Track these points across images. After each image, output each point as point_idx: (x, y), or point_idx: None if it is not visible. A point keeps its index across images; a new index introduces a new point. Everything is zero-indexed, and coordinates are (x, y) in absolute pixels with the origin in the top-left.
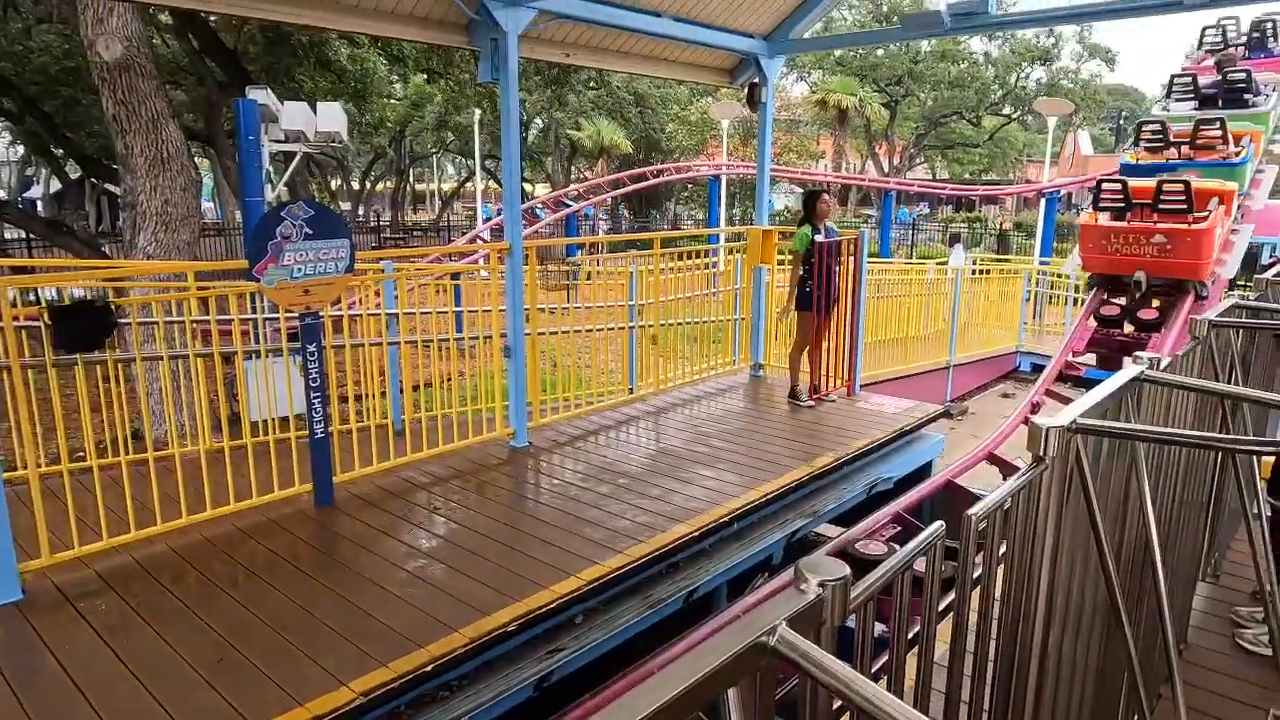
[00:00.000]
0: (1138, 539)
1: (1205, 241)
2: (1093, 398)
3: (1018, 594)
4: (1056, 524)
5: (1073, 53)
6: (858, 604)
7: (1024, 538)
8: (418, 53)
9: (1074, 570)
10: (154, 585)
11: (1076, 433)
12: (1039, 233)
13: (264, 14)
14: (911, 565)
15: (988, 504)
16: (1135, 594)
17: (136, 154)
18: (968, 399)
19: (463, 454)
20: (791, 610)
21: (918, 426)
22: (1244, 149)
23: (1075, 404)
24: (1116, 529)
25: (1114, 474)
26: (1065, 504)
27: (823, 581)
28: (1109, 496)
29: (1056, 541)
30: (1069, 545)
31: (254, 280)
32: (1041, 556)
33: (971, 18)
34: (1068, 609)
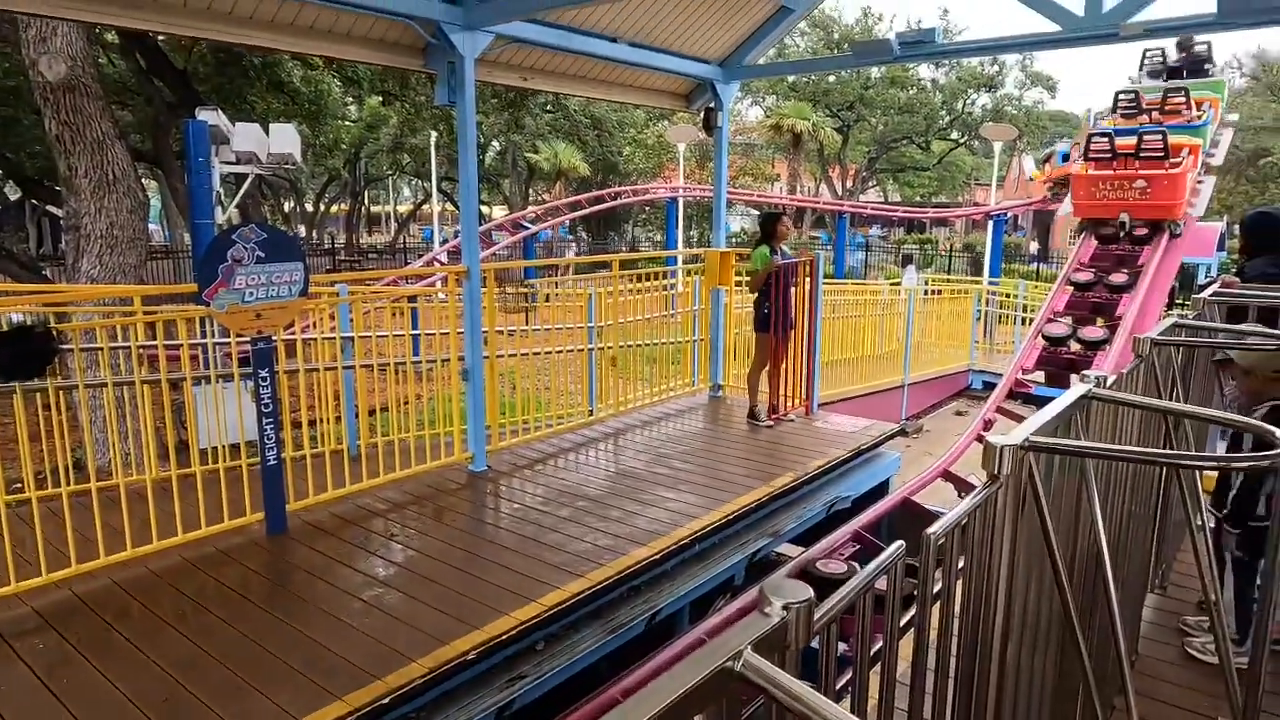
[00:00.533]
0: (1089, 552)
1: (1180, 183)
2: (1044, 416)
3: (977, 610)
4: (1012, 540)
5: (1016, 80)
6: (821, 625)
7: (981, 554)
8: (373, 75)
9: (1030, 585)
10: (96, 621)
11: (1029, 450)
12: (987, 253)
13: (216, 35)
14: (873, 585)
15: (946, 523)
16: (1089, 607)
17: (81, 175)
18: (923, 417)
19: (420, 479)
20: (756, 634)
21: (874, 445)
22: (1204, 113)
23: (1027, 422)
24: (1069, 543)
25: (1065, 489)
26: (1020, 520)
27: (787, 604)
28: (1061, 512)
29: (1012, 557)
30: (1024, 560)
31: (204, 304)
32: (999, 572)
33: (919, 46)
34: (1025, 623)
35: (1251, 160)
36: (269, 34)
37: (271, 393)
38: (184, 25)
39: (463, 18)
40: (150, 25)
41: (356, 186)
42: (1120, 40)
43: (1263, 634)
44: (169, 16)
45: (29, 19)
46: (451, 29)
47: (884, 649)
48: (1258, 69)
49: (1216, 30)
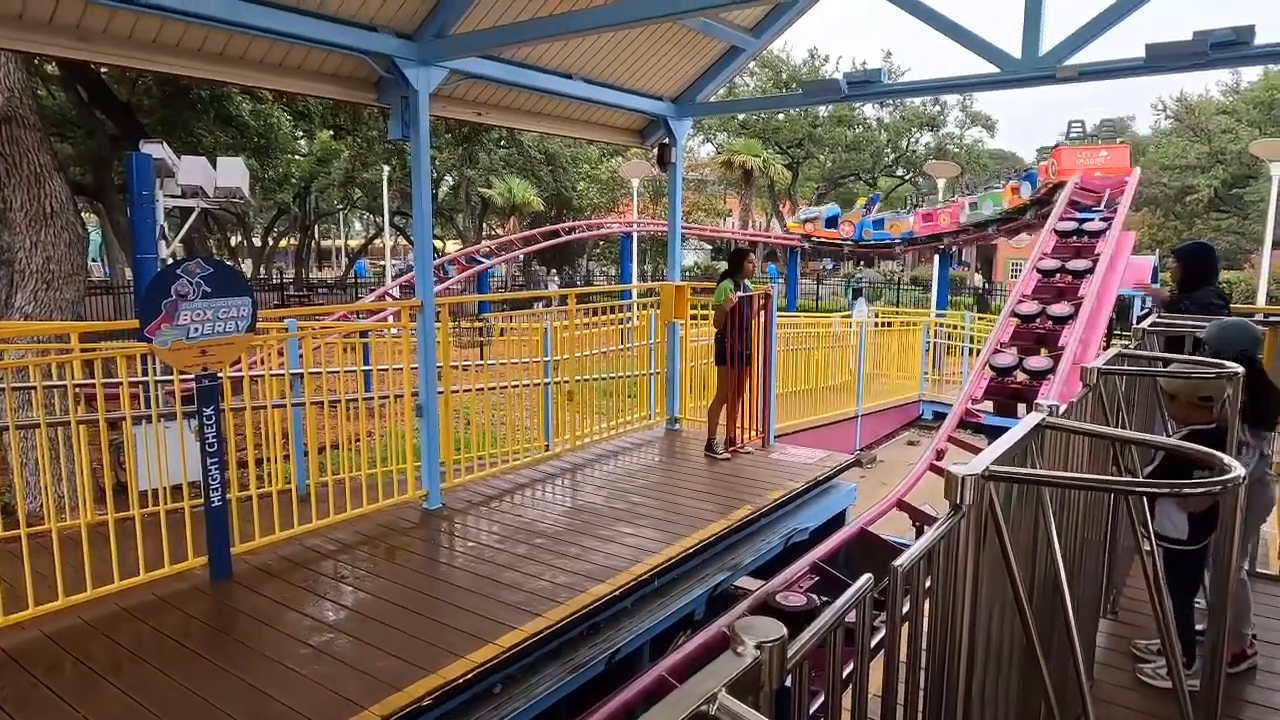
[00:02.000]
0: (1047, 579)
1: None
2: (1001, 445)
3: (942, 638)
4: (974, 568)
5: (957, 119)
6: (794, 663)
7: (945, 583)
8: (324, 109)
9: (992, 612)
10: (24, 677)
11: (989, 479)
12: (934, 286)
13: (164, 68)
14: (844, 620)
15: (912, 554)
16: (1047, 632)
17: (16, 209)
18: (876, 447)
19: (372, 518)
20: (730, 676)
21: (831, 476)
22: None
23: (986, 452)
24: (1028, 570)
25: (1023, 517)
26: (982, 548)
27: (760, 643)
28: (1020, 539)
29: (975, 585)
30: (987, 588)
31: (146, 341)
32: (963, 600)
33: (866, 86)
34: (989, 649)
35: (1178, 197)
36: (218, 67)
37: (216, 431)
38: (131, 57)
39: (417, 53)
40: (96, 57)
41: (306, 221)
42: (1056, 82)
43: (1219, 658)
44: (115, 48)
45: None
46: (405, 64)
47: (854, 681)
48: (1181, 111)
49: (1144, 74)
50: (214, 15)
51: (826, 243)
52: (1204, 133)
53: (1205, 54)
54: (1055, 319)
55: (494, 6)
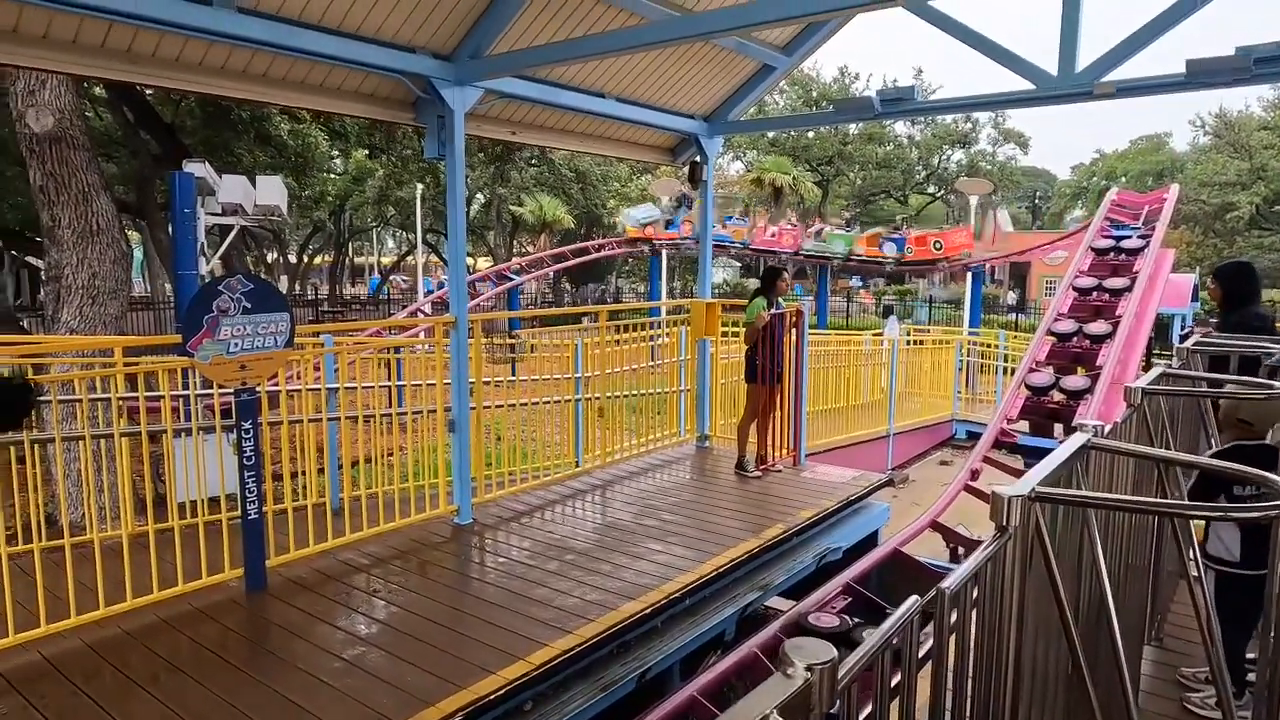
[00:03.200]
0: (1091, 603)
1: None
2: (1047, 466)
3: (988, 662)
4: (1020, 592)
5: (989, 137)
6: (844, 686)
7: (990, 606)
8: (360, 129)
9: (1038, 636)
10: (64, 685)
11: (1036, 501)
12: (967, 304)
13: (209, 89)
14: (892, 642)
15: (960, 577)
16: (1092, 658)
17: (64, 226)
18: (908, 466)
19: (404, 533)
20: (781, 698)
21: (863, 495)
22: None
23: (1032, 473)
24: (1073, 595)
25: (1069, 539)
26: (1028, 571)
27: (810, 665)
28: (1065, 562)
29: (1021, 609)
30: (1033, 612)
31: (187, 355)
32: (1008, 624)
33: (899, 103)
34: (1034, 675)
35: (1218, 214)
36: (262, 88)
37: (254, 445)
38: (179, 79)
39: (453, 73)
40: (145, 79)
41: (341, 238)
42: (1094, 99)
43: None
44: (163, 70)
45: (17, 72)
46: (442, 84)
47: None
48: (1221, 127)
49: (1184, 90)
50: (259, 39)
51: (669, 243)
52: (1244, 149)
53: (1248, 69)
54: (1092, 338)
55: (529, 27)
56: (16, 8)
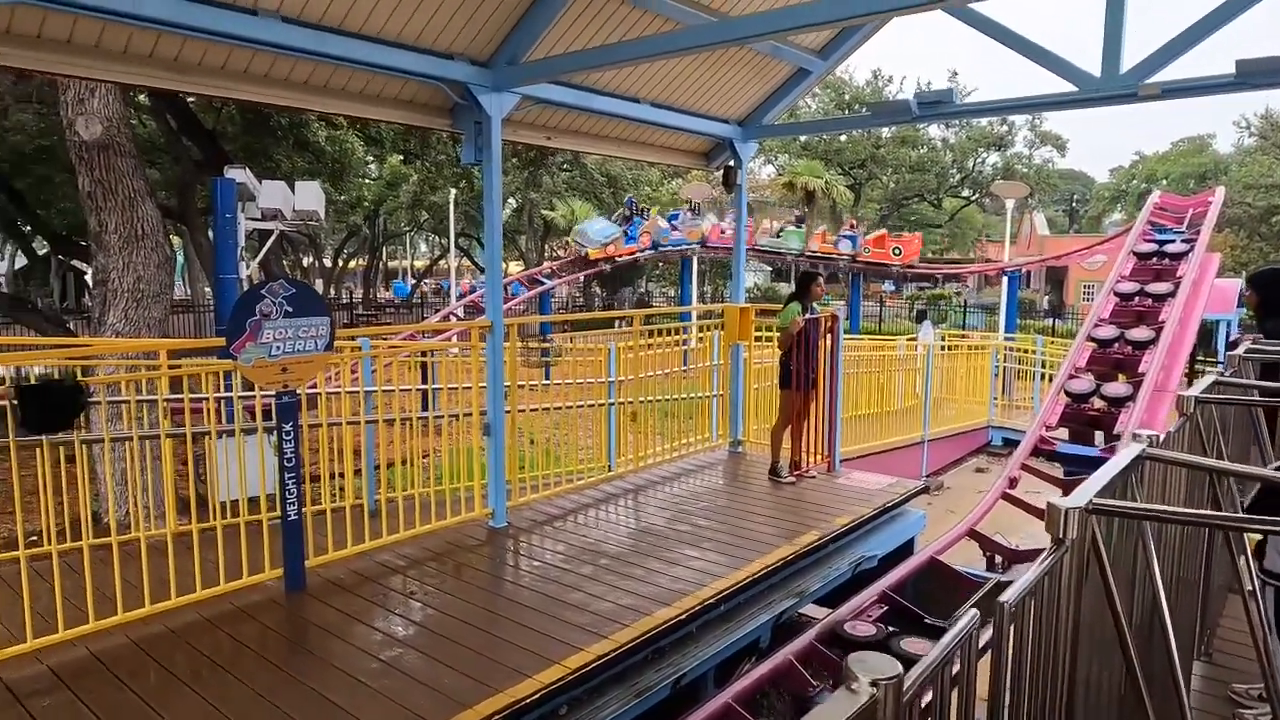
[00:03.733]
0: (1143, 616)
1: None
2: (1102, 477)
3: (1042, 676)
4: (1076, 605)
5: (1025, 139)
6: (908, 702)
7: (1046, 619)
8: (395, 134)
9: (1093, 650)
10: (111, 681)
11: (1093, 513)
12: (1002, 309)
13: (251, 97)
14: (952, 660)
15: (1019, 591)
16: (1147, 673)
17: (111, 231)
18: (943, 473)
19: (439, 535)
20: (845, 715)
21: (900, 503)
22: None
23: (1087, 484)
24: (1125, 607)
25: (1123, 551)
26: (1085, 584)
27: (875, 681)
28: (1120, 575)
29: (1076, 623)
30: (1088, 625)
31: (230, 358)
32: (1064, 637)
33: (937, 106)
34: (1089, 690)
35: (1264, 217)
36: (303, 95)
37: (294, 447)
38: (223, 87)
39: (490, 79)
40: (192, 88)
41: (375, 242)
42: (1138, 100)
43: None
44: (208, 79)
45: (67, 82)
46: (479, 90)
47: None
48: (1267, 128)
49: (1233, 91)
50: (301, 47)
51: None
52: None
53: None
54: (1135, 344)
55: (565, 33)
56: (70, 19)
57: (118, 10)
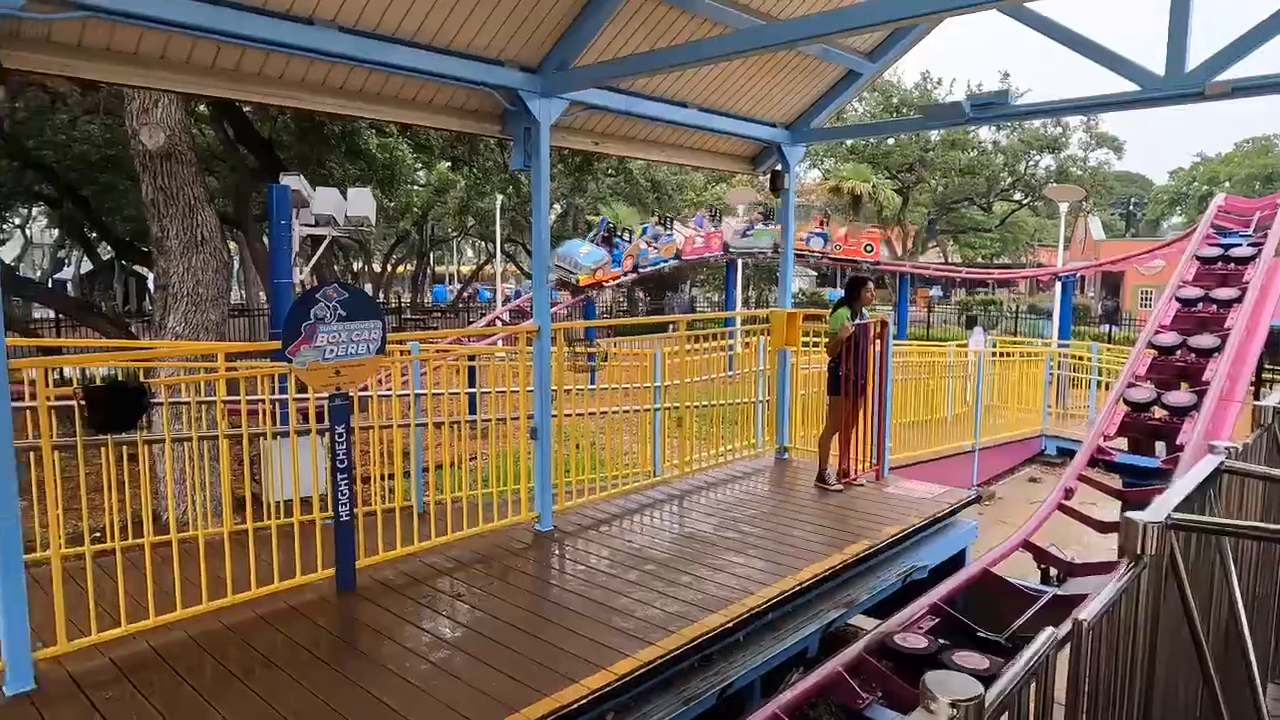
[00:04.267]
0: (1219, 634)
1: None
2: (1180, 491)
3: (1119, 697)
4: (1153, 622)
5: (1080, 141)
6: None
7: (1123, 636)
8: (443, 141)
9: (1170, 668)
10: (170, 676)
11: (1171, 528)
12: (1055, 315)
13: (308, 105)
14: (1030, 680)
15: (1097, 609)
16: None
17: (172, 237)
18: (994, 483)
19: (487, 538)
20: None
21: (951, 512)
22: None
23: (1164, 498)
24: (1204, 627)
25: (1200, 568)
26: (1163, 601)
27: (955, 702)
28: (1198, 592)
29: (1153, 640)
30: (1165, 643)
31: (285, 361)
32: (1140, 656)
33: (991, 108)
34: (1165, 710)
35: None
36: (358, 103)
37: (346, 449)
38: (279, 96)
39: (540, 85)
40: (250, 96)
41: (423, 248)
42: (1205, 100)
43: None
44: (266, 88)
45: (133, 92)
46: (529, 96)
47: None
48: None
49: None
50: (356, 56)
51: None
52: None
53: None
54: (1198, 351)
55: (614, 39)
56: (137, 32)
57: (181, 22)
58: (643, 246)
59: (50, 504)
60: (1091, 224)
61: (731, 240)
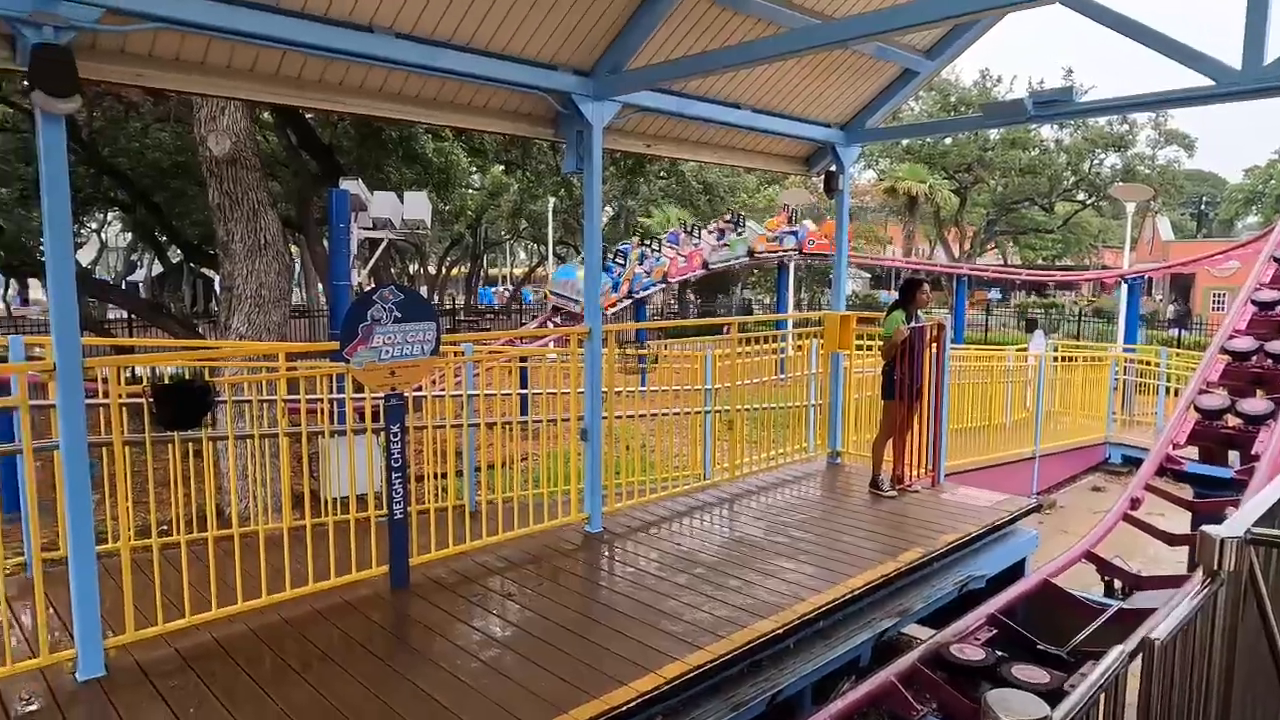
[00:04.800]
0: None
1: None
2: (1262, 504)
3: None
4: (1230, 641)
5: (1148, 139)
6: None
7: (1198, 654)
8: (497, 145)
9: (1247, 688)
10: (231, 666)
11: (1250, 543)
12: (1121, 318)
13: (368, 110)
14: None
15: (1172, 627)
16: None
17: (237, 241)
18: (1055, 492)
19: (537, 538)
20: None
21: (1010, 521)
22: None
23: (1242, 512)
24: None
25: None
26: (1241, 618)
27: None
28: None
29: (1230, 660)
30: (1243, 662)
31: (342, 361)
32: (1216, 676)
33: (1054, 105)
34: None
35: None
36: (415, 108)
37: (401, 448)
38: (339, 102)
39: (592, 88)
40: (311, 103)
41: (477, 250)
42: (1266, 94)
43: None
44: (327, 94)
45: (201, 101)
46: (581, 99)
47: None
48: None
49: None
50: (413, 62)
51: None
52: None
53: None
54: (1276, 357)
55: (666, 41)
56: (205, 41)
57: (247, 31)
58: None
59: (120, 497)
60: (1160, 224)
61: (709, 256)
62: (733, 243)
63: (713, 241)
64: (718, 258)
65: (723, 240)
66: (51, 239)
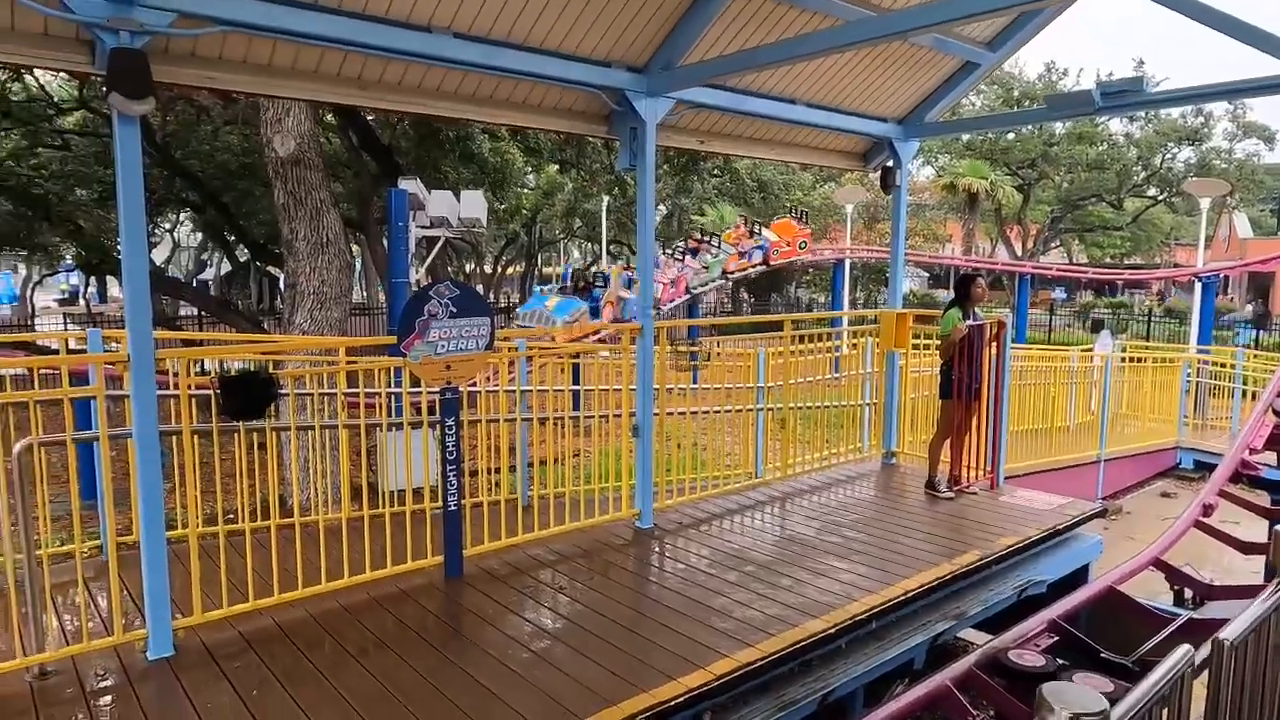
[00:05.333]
0: None
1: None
2: None
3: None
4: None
5: (1225, 131)
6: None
7: (1271, 658)
8: (552, 145)
9: None
10: (291, 649)
11: None
12: (1195, 318)
13: (425, 109)
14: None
15: (1241, 629)
16: None
17: (300, 239)
18: (1121, 497)
19: (588, 533)
20: None
21: (1073, 525)
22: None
23: None
24: None
25: None
26: None
27: (1076, 715)
28: None
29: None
30: None
31: (400, 355)
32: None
33: (1124, 96)
34: None
35: None
36: (472, 107)
37: (455, 441)
38: (399, 102)
39: (646, 85)
40: (371, 103)
41: (532, 249)
42: None
43: None
44: (387, 94)
45: (267, 103)
46: (635, 96)
47: None
48: None
49: None
50: (470, 61)
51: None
52: None
53: None
54: None
55: (720, 36)
56: (270, 43)
57: (311, 33)
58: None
59: (189, 486)
60: (1237, 220)
61: (692, 280)
62: (710, 264)
63: (695, 265)
64: (698, 281)
65: (704, 263)
66: (127, 239)
